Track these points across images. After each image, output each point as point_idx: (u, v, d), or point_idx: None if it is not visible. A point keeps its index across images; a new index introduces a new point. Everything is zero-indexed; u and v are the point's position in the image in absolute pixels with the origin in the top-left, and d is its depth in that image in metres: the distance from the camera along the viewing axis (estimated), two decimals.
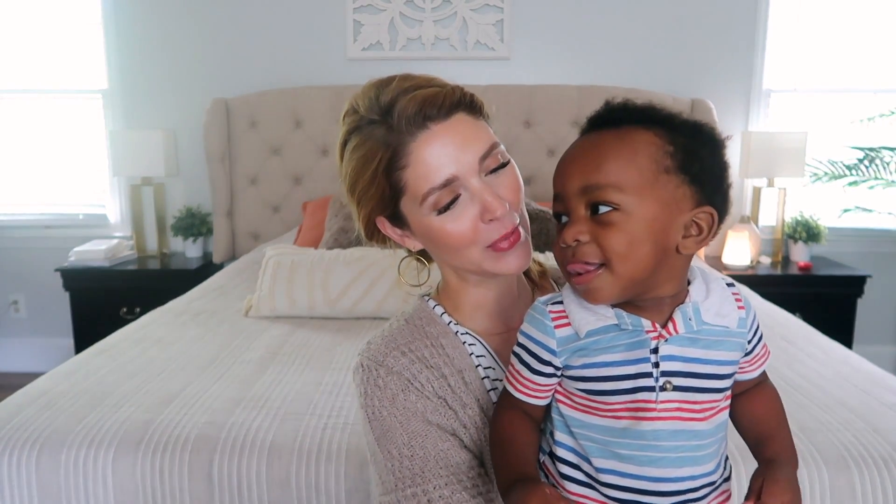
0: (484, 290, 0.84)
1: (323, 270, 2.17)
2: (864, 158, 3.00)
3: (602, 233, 0.63)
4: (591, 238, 0.63)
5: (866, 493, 1.22)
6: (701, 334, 0.66)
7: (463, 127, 0.75)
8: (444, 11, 3.09)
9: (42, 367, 2.65)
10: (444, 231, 0.76)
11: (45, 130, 3.29)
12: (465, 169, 0.74)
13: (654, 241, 0.63)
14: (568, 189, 0.65)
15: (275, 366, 1.72)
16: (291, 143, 3.09)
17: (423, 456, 0.75)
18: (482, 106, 0.79)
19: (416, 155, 0.73)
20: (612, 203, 0.62)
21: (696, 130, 0.66)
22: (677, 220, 0.64)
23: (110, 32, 3.15)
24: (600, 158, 0.64)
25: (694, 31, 3.10)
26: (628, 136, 0.64)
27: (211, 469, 1.29)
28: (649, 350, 0.64)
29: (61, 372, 1.67)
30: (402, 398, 0.77)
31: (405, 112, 0.73)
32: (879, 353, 3.16)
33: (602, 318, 0.66)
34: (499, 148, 0.77)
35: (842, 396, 1.50)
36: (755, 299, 2.37)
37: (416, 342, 0.81)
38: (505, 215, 0.75)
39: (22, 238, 3.33)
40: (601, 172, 0.63)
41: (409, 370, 0.78)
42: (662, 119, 0.66)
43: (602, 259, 0.63)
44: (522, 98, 3.02)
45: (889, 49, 3.12)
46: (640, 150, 0.63)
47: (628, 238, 0.62)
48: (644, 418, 0.64)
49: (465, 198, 0.75)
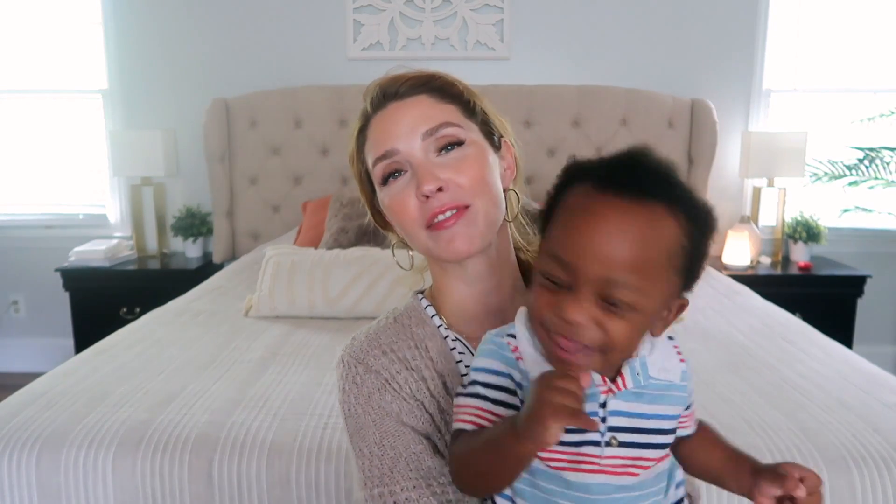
0: (463, 285, 0.81)
1: (323, 270, 2.17)
2: (864, 158, 3.00)
3: (608, 321, 0.60)
4: (596, 323, 0.60)
5: (866, 493, 1.22)
6: (647, 388, 0.66)
7: (418, 106, 0.77)
8: (444, 11, 3.09)
9: (42, 367, 2.64)
10: (387, 205, 0.79)
11: (45, 130, 3.29)
12: (408, 143, 0.76)
13: (645, 329, 0.65)
14: (587, 271, 0.60)
15: (275, 366, 1.72)
16: (291, 142, 3.09)
17: (394, 457, 0.74)
18: (457, 92, 0.80)
19: (372, 129, 0.79)
20: (629, 303, 0.60)
21: (706, 218, 0.64)
22: (664, 310, 0.65)
23: (110, 32, 3.15)
24: (628, 251, 0.59)
25: (694, 31, 3.10)
26: (657, 224, 0.60)
27: (211, 469, 1.29)
28: (598, 404, 0.64)
29: (61, 372, 1.67)
30: (378, 397, 0.76)
31: (372, 93, 0.79)
32: (879, 353, 3.16)
33: (547, 365, 0.64)
34: (451, 128, 0.76)
35: (842, 396, 1.50)
36: (755, 299, 2.37)
37: (400, 342, 0.80)
38: (434, 193, 0.73)
39: (22, 238, 3.33)
40: (627, 270, 0.59)
41: (388, 370, 0.77)
42: (684, 199, 0.62)
43: (602, 345, 0.61)
44: (522, 98, 3.02)
45: (889, 49, 3.12)
46: (664, 247, 0.61)
47: (632, 330, 0.62)
48: (585, 470, 0.64)
49: (409, 174, 0.76)
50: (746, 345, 1.88)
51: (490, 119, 0.83)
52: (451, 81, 0.81)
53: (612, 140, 3.03)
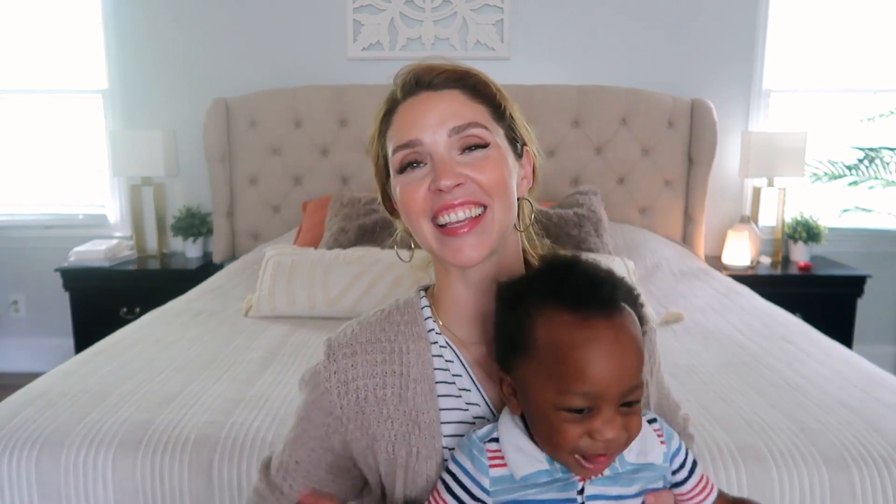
0: (464, 287, 0.81)
1: (323, 270, 2.17)
2: (864, 158, 3.00)
3: (628, 422, 0.66)
4: (623, 429, 0.66)
5: (866, 493, 1.22)
6: (624, 473, 0.70)
7: (450, 101, 0.76)
8: (444, 11, 3.09)
9: (42, 367, 2.65)
10: (400, 193, 0.78)
11: (45, 130, 3.29)
12: (433, 137, 0.75)
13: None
14: (612, 392, 0.64)
15: (275, 366, 1.72)
16: (291, 142, 3.09)
17: (294, 438, 0.84)
18: (489, 93, 0.79)
19: (399, 114, 0.78)
20: (639, 399, 0.66)
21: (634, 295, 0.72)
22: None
23: (110, 32, 3.15)
24: (634, 359, 0.66)
25: (694, 31, 3.10)
26: (634, 324, 0.68)
27: (211, 469, 1.29)
28: (576, 491, 0.68)
29: (61, 372, 1.67)
30: (323, 388, 0.81)
31: (404, 78, 0.78)
32: (879, 353, 3.16)
33: (536, 462, 0.68)
34: (479, 129, 0.76)
35: (842, 396, 1.50)
36: (755, 299, 2.37)
37: (378, 344, 0.80)
38: (451, 189, 0.73)
39: (22, 238, 3.33)
40: (637, 374, 0.66)
41: (347, 372, 0.80)
42: (625, 289, 0.70)
43: (627, 445, 0.67)
44: (522, 98, 2.97)
45: (889, 49, 3.12)
46: (641, 339, 0.68)
47: (640, 419, 0.68)
48: None
49: (428, 167, 0.76)
50: (746, 345, 1.88)
51: (517, 125, 0.82)
52: (485, 81, 0.79)
53: (611, 140, 3.02)
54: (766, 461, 1.24)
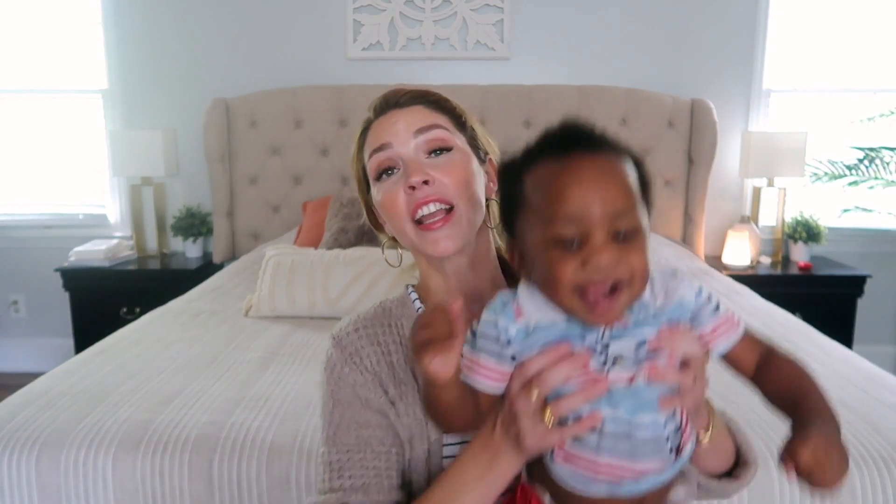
0: (442, 277, 0.90)
1: (323, 270, 2.17)
2: (864, 158, 3.00)
3: (626, 254, 0.63)
4: (619, 260, 0.63)
5: (866, 493, 1.22)
6: (647, 317, 0.68)
7: (415, 112, 0.87)
8: (444, 11, 3.09)
9: (42, 367, 2.64)
10: (379, 201, 0.87)
11: (45, 130, 3.29)
12: (400, 139, 0.85)
13: (647, 254, 0.67)
14: (597, 214, 0.63)
15: (275, 366, 1.72)
16: (291, 142, 3.09)
17: (339, 423, 0.85)
18: (449, 106, 0.90)
19: (372, 129, 0.89)
20: (633, 228, 0.64)
21: (638, 158, 0.71)
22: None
23: (110, 32, 3.15)
24: (617, 183, 0.65)
25: (694, 31, 3.10)
26: (620, 163, 0.67)
27: (211, 469, 1.29)
28: (598, 336, 0.67)
29: (61, 372, 1.67)
30: (339, 369, 0.87)
31: (376, 102, 0.90)
32: (879, 353, 3.16)
33: (555, 316, 0.68)
34: (441, 131, 0.86)
35: (842, 396, 1.50)
36: (755, 299, 2.37)
37: (376, 322, 0.89)
38: (420, 185, 0.82)
39: (22, 238, 3.33)
40: (623, 198, 0.64)
41: (354, 345, 0.87)
42: (621, 144, 0.70)
43: (630, 277, 0.64)
44: (522, 98, 3.02)
45: (889, 49, 3.12)
46: (631, 179, 0.67)
47: (643, 254, 0.65)
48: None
49: (400, 171, 0.85)
50: None
51: (478, 137, 0.92)
52: (445, 97, 0.91)
53: None
54: (766, 461, 1.24)
